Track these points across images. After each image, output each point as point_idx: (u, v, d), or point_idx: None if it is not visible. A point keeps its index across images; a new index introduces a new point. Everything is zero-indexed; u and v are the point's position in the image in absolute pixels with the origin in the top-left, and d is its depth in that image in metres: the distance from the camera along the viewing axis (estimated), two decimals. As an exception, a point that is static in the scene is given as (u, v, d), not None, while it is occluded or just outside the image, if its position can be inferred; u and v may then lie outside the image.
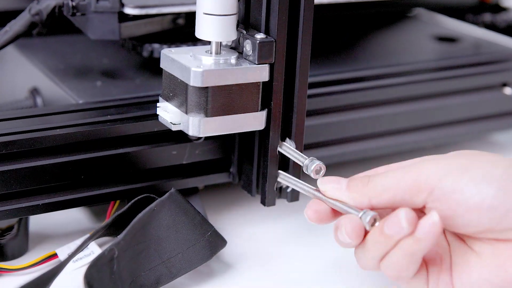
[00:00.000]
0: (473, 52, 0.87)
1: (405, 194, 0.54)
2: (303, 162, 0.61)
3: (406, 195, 0.54)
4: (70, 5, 0.67)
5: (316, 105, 0.71)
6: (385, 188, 0.55)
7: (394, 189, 0.55)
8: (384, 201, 0.55)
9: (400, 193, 0.54)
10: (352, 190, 0.56)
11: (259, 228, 0.71)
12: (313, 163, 0.60)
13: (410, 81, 0.77)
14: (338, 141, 0.74)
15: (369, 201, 0.55)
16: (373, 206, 0.55)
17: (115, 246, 0.57)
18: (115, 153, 0.63)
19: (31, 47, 0.80)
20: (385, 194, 0.55)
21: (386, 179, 0.55)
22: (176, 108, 0.61)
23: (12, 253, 0.64)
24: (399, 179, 0.55)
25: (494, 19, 0.96)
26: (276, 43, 0.60)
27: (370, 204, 0.55)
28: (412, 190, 0.54)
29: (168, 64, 0.61)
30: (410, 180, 0.54)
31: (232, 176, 0.68)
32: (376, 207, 0.55)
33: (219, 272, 0.64)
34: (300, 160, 0.61)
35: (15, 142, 0.60)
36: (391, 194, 0.55)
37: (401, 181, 0.55)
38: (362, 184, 0.56)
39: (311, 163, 0.60)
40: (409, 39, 0.92)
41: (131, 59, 0.78)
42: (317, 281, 0.64)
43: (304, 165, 0.60)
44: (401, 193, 0.54)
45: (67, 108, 0.66)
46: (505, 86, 0.83)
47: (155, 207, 0.60)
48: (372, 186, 0.56)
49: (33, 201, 0.62)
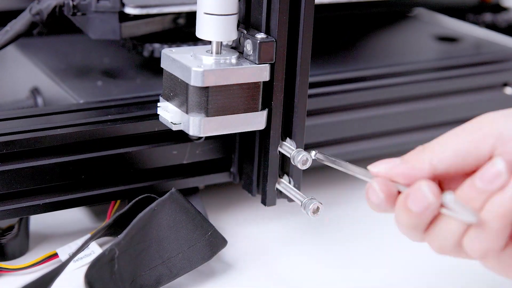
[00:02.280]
0: (474, 52, 0.87)
1: (469, 144, 0.49)
2: (302, 201, 0.61)
3: (470, 144, 0.49)
4: (70, 4, 0.67)
5: (316, 105, 0.71)
6: (445, 145, 0.50)
7: (456, 143, 0.49)
8: (447, 159, 0.49)
9: (463, 145, 0.49)
10: (409, 160, 0.51)
11: (260, 228, 0.71)
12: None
13: (411, 81, 0.77)
14: (338, 141, 0.74)
15: (431, 164, 0.49)
16: (436, 170, 0.50)
17: (115, 246, 0.57)
18: (116, 153, 0.64)
19: (32, 47, 0.80)
20: (446, 151, 0.49)
21: (444, 137, 0.50)
22: (176, 108, 0.61)
23: (12, 253, 0.64)
24: (459, 133, 0.50)
25: (495, 19, 0.96)
26: (277, 43, 0.60)
27: (432, 168, 0.49)
28: (476, 138, 0.49)
29: (169, 64, 0.61)
30: (471, 129, 0.50)
31: (232, 176, 0.68)
32: (440, 171, 0.50)
33: (220, 272, 0.64)
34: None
35: (15, 142, 0.60)
36: (454, 149, 0.49)
37: (462, 133, 0.50)
38: (418, 151, 0.51)
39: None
40: (409, 39, 0.92)
41: (131, 59, 0.78)
42: (317, 281, 0.64)
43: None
44: (465, 144, 0.49)
45: (67, 108, 0.66)
46: (506, 86, 0.83)
47: (156, 207, 0.60)
48: (430, 148, 0.50)
49: (34, 201, 0.62)
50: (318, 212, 0.60)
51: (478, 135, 0.49)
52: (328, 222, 0.72)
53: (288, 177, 0.64)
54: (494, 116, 0.50)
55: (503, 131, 0.49)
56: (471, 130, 0.50)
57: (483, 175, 0.48)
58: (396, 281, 0.64)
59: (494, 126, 0.49)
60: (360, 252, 0.68)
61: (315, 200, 0.60)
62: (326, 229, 0.71)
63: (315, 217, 0.60)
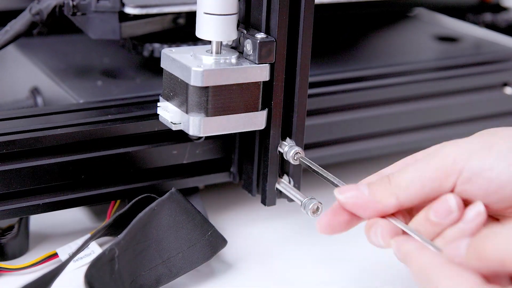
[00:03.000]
0: (474, 52, 0.87)
1: (433, 182, 0.52)
2: (302, 201, 0.61)
3: (434, 183, 0.52)
4: (70, 4, 0.67)
5: (316, 105, 0.71)
6: (411, 182, 0.53)
7: (421, 180, 0.52)
8: (412, 195, 0.53)
9: (428, 182, 0.52)
10: (375, 193, 0.54)
11: (260, 228, 0.71)
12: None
13: (411, 81, 0.77)
14: (338, 141, 0.74)
15: (397, 199, 0.53)
16: (401, 204, 0.53)
17: (115, 245, 0.57)
18: (115, 152, 0.63)
19: (32, 46, 0.80)
20: (412, 186, 0.52)
21: (409, 172, 0.53)
22: (176, 107, 0.61)
23: (12, 253, 0.64)
24: (423, 169, 0.53)
25: (495, 18, 0.96)
26: (277, 42, 0.60)
27: (398, 202, 0.53)
28: (440, 176, 0.52)
29: (169, 64, 0.61)
30: (435, 166, 0.52)
31: (232, 176, 0.68)
32: (405, 204, 0.53)
33: (220, 272, 0.64)
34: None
35: (15, 142, 0.60)
36: (419, 185, 0.52)
37: (426, 170, 0.53)
38: (384, 183, 0.54)
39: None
40: (409, 39, 0.92)
41: (131, 59, 0.78)
42: (317, 281, 0.64)
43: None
44: (429, 182, 0.52)
45: (67, 108, 0.66)
46: (506, 86, 0.82)
47: (156, 207, 0.60)
48: (396, 183, 0.53)
49: (34, 201, 0.62)
50: (318, 212, 0.60)
51: (442, 173, 0.52)
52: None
53: (288, 177, 0.64)
54: (455, 154, 0.53)
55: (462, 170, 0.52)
56: (435, 168, 0.53)
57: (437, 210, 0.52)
58: (396, 281, 0.64)
59: (455, 164, 0.52)
60: (360, 252, 0.68)
61: (315, 200, 0.60)
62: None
63: (315, 217, 0.60)
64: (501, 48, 0.88)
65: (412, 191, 0.53)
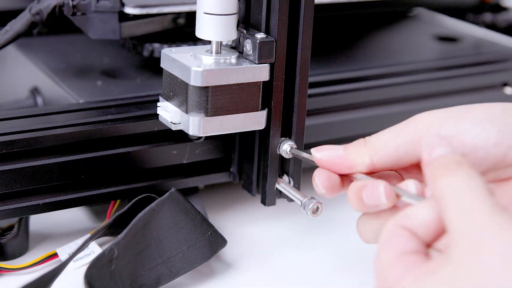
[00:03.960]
0: (474, 52, 0.87)
1: (407, 145, 0.53)
2: (302, 201, 0.61)
3: (408, 146, 0.53)
4: (70, 4, 0.67)
5: (316, 105, 0.71)
6: (386, 143, 0.54)
7: (395, 142, 0.53)
8: (386, 157, 0.54)
9: (402, 145, 0.53)
10: (351, 152, 0.55)
11: (260, 228, 0.71)
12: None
13: (411, 81, 0.77)
14: (338, 141, 0.74)
15: (371, 160, 0.54)
16: (375, 166, 0.54)
17: (115, 245, 0.57)
18: (115, 152, 0.64)
19: (32, 46, 0.80)
20: (386, 148, 0.54)
21: (385, 135, 0.54)
22: (176, 107, 0.61)
23: (12, 253, 0.64)
24: (399, 132, 0.54)
25: (495, 18, 0.96)
26: (277, 42, 0.60)
27: (372, 163, 0.54)
28: (414, 139, 0.53)
29: (169, 64, 0.61)
30: (411, 130, 0.53)
31: (232, 176, 0.68)
32: (378, 167, 0.54)
33: (219, 272, 0.64)
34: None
35: (15, 142, 0.60)
36: (393, 147, 0.53)
37: (401, 134, 0.54)
38: (360, 144, 0.55)
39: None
40: (409, 39, 0.92)
41: (131, 59, 0.78)
42: (317, 281, 0.64)
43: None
44: (403, 145, 0.53)
45: (67, 108, 0.66)
46: (506, 86, 0.83)
47: (155, 207, 0.60)
48: (371, 144, 0.54)
49: (34, 201, 0.62)
50: (318, 212, 0.60)
51: (416, 136, 0.53)
52: (328, 222, 0.72)
53: (288, 177, 0.64)
54: (431, 118, 0.53)
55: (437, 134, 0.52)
56: (411, 131, 0.54)
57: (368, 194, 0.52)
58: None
59: (431, 128, 0.53)
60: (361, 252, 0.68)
61: (315, 200, 0.60)
62: (326, 229, 0.71)
63: (314, 217, 0.60)
64: (501, 48, 0.88)
65: (386, 153, 0.54)
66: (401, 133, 0.54)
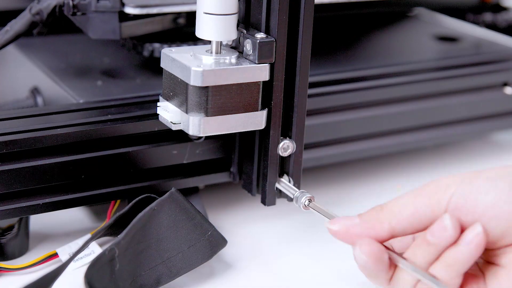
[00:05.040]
0: (474, 52, 0.87)
1: (425, 207, 0.53)
2: (294, 194, 0.61)
3: (428, 209, 0.53)
4: (70, 4, 0.67)
5: (316, 105, 0.71)
6: (404, 206, 0.53)
7: (413, 205, 0.53)
8: (405, 220, 0.53)
9: (421, 206, 0.53)
10: (367, 220, 0.54)
11: (260, 228, 0.71)
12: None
13: (411, 80, 0.77)
14: (338, 141, 0.74)
15: (389, 225, 0.53)
16: (394, 231, 0.54)
17: (115, 245, 0.57)
18: (115, 152, 0.64)
19: (32, 46, 0.80)
20: (404, 211, 0.53)
21: (402, 198, 0.54)
22: (176, 107, 0.61)
23: (12, 253, 0.64)
24: (416, 195, 0.54)
25: (495, 18, 0.96)
26: (277, 42, 0.60)
27: (391, 229, 0.53)
28: (432, 202, 0.53)
29: (169, 64, 0.61)
30: (428, 192, 0.53)
31: (232, 176, 0.68)
32: (398, 230, 0.54)
33: (219, 272, 0.64)
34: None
35: (15, 142, 0.60)
36: (411, 210, 0.53)
37: (418, 196, 0.54)
38: (376, 211, 0.54)
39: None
40: (409, 39, 0.92)
41: (131, 59, 0.78)
42: (317, 281, 0.64)
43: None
44: (422, 206, 0.53)
45: (67, 108, 0.66)
46: (506, 86, 0.83)
47: (156, 207, 0.60)
48: (388, 208, 0.54)
49: (34, 201, 0.62)
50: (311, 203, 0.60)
51: (434, 199, 0.53)
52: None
53: (288, 177, 0.64)
54: (448, 181, 0.54)
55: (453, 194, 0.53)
56: (428, 194, 0.54)
57: (433, 230, 0.52)
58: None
59: (448, 192, 0.53)
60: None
61: (307, 193, 0.60)
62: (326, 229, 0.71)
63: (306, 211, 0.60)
64: (501, 48, 0.88)
65: (404, 216, 0.53)
66: (419, 195, 0.54)
